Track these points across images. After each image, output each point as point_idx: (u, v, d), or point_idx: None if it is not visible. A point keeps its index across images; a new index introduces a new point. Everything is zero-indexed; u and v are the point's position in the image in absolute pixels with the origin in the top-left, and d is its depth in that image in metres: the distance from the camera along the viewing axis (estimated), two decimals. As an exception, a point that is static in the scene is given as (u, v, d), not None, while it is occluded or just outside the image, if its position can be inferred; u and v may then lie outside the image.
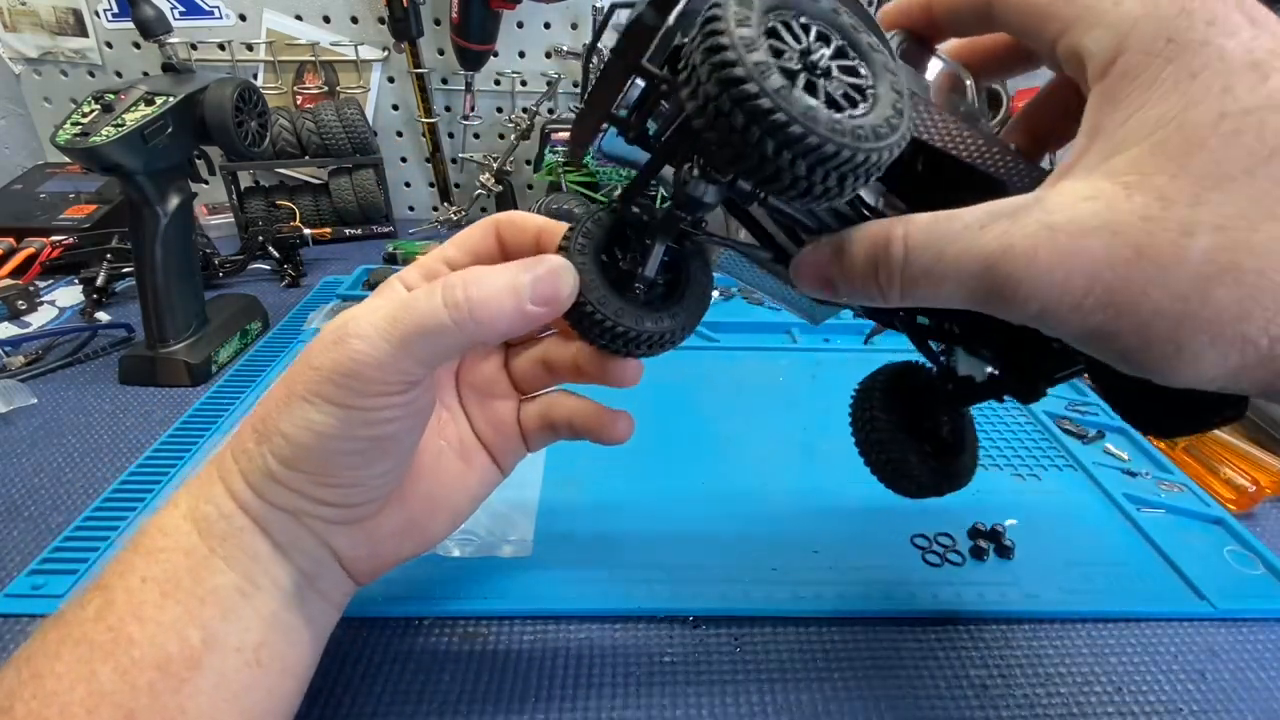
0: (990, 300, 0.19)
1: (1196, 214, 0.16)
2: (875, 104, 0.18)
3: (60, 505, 0.42)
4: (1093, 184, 0.17)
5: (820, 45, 0.18)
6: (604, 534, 0.40)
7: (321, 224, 0.89)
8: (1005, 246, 0.18)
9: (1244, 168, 0.16)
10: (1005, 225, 0.18)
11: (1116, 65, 0.18)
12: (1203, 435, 0.47)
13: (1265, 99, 0.16)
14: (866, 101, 0.18)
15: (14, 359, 0.57)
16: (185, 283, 0.56)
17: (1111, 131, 0.18)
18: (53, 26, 0.88)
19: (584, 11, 0.88)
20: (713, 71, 0.17)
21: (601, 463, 0.46)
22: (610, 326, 0.24)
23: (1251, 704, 0.32)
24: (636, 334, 0.24)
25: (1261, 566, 0.39)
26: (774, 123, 0.16)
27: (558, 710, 0.30)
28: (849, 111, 0.18)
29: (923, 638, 0.34)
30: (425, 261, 0.28)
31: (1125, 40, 0.18)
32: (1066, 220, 0.17)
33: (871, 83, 0.18)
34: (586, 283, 0.24)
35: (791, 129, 0.16)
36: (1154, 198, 0.16)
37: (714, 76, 0.17)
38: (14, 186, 0.86)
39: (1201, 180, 0.16)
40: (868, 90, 0.18)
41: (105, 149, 0.48)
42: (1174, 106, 0.17)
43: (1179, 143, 0.17)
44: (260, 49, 0.89)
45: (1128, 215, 0.16)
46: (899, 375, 0.32)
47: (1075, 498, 0.44)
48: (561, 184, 0.84)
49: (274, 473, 0.24)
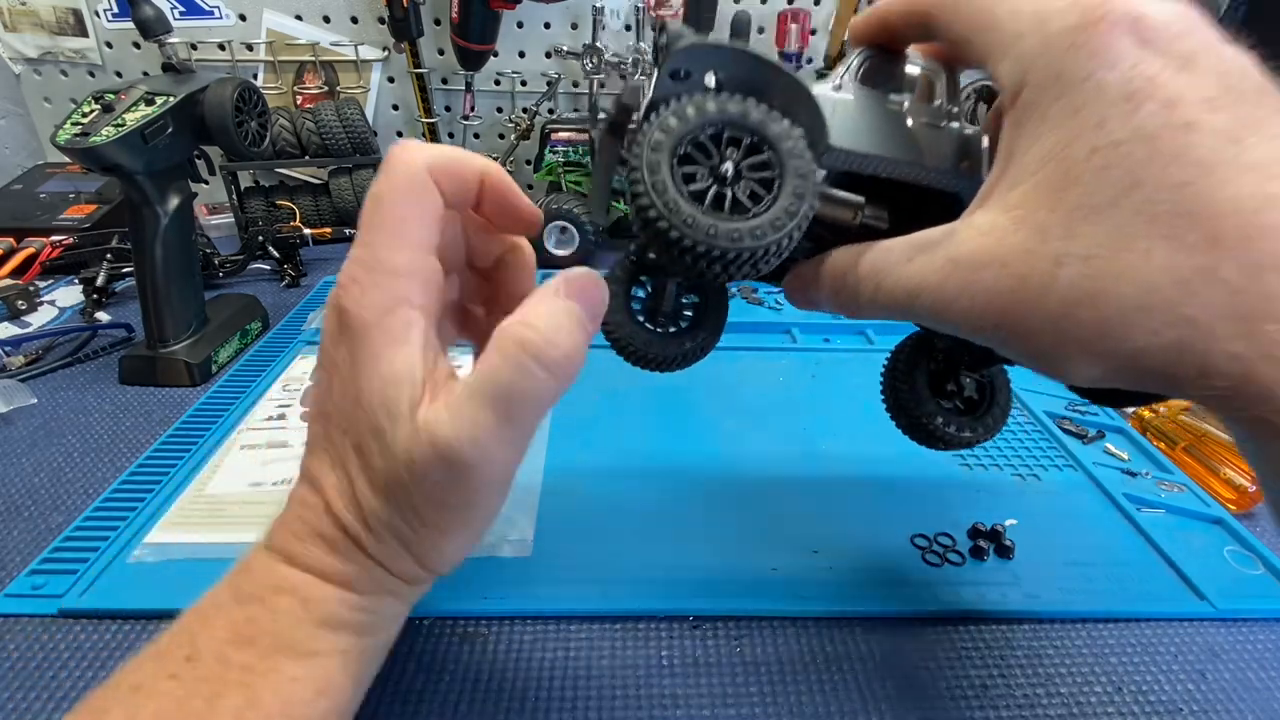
0: (923, 322, 0.22)
1: (1067, 245, 0.18)
2: (780, 192, 0.22)
3: (60, 505, 0.42)
4: (992, 218, 0.20)
5: (731, 150, 0.23)
6: (604, 534, 0.40)
7: (321, 224, 0.89)
8: (922, 280, 0.21)
9: (1109, 199, 0.17)
10: (923, 260, 0.21)
11: (1021, 97, 0.20)
12: (1203, 435, 0.47)
13: (1133, 131, 0.17)
14: (773, 192, 0.23)
15: (14, 359, 0.57)
16: (185, 283, 0.56)
17: (1016, 161, 0.20)
18: (53, 26, 0.88)
19: (584, 11, 0.88)
20: (638, 212, 0.22)
21: (602, 463, 0.46)
22: (636, 352, 0.29)
23: (1251, 704, 0.32)
24: (661, 358, 0.29)
25: (1261, 566, 0.39)
26: (682, 246, 0.22)
27: (557, 710, 0.30)
28: (753, 210, 0.22)
29: (922, 638, 0.34)
30: (421, 242, 0.24)
31: (1026, 75, 0.20)
32: (968, 254, 0.20)
33: (778, 171, 0.23)
34: (616, 320, 0.28)
35: (698, 249, 0.22)
36: (1034, 231, 0.19)
37: (639, 216, 0.22)
38: (14, 186, 0.86)
39: (1073, 213, 0.18)
40: (775, 181, 0.23)
41: (105, 149, 0.48)
42: (1058, 142, 0.19)
43: (1058, 178, 0.18)
44: (260, 49, 0.89)
45: (1013, 248, 0.19)
46: (923, 340, 0.34)
47: (1075, 498, 0.44)
48: (561, 184, 0.84)
49: (424, 565, 0.25)
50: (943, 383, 0.33)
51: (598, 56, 0.88)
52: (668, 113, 0.22)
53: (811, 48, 0.90)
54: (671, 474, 0.45)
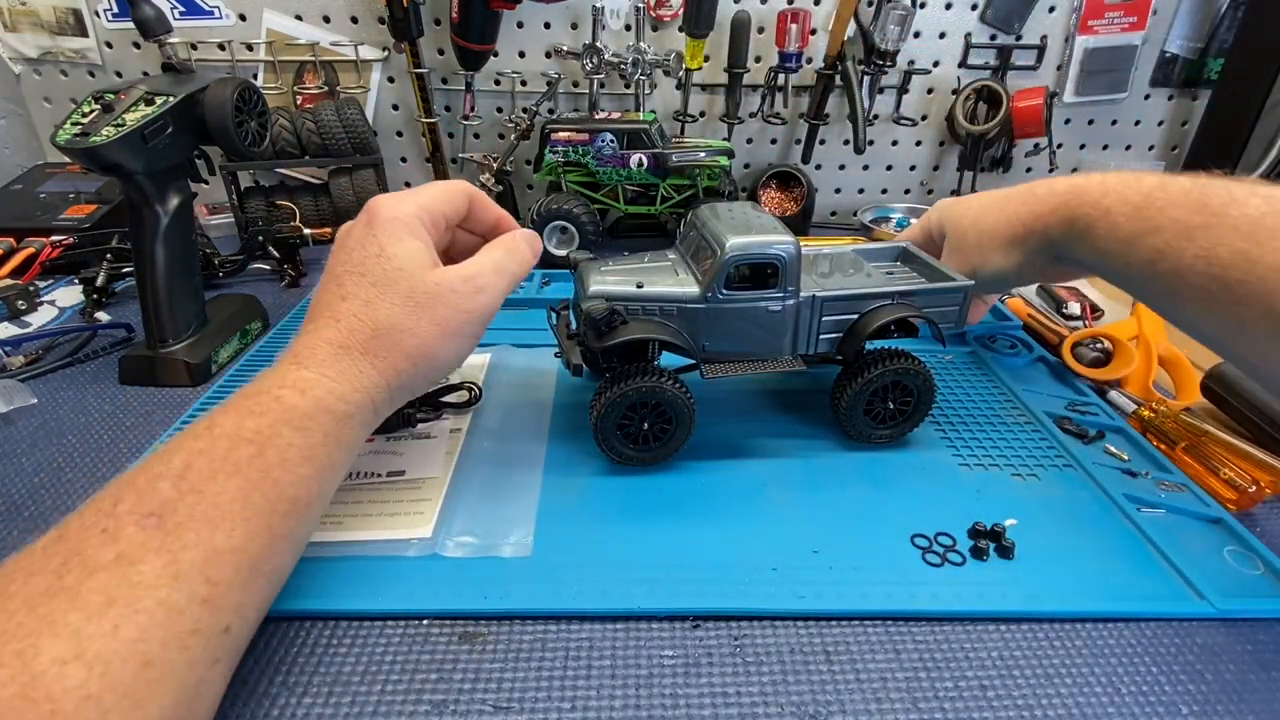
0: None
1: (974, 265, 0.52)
2: None
3: (60, 505, 0.42)
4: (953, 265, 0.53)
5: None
6: (604, 534, 0.40)
7: (321, 224, 0.89)
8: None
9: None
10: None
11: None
12: (1203, 435, 0.47)
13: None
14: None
15: (14, 359, 0.57)
16: (185, 283, 0.56)
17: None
18: (53, 26, 0.88)
19: (584, 11, 0.89)
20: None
21: (601, 463, 0.46)
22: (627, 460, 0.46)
23: (1251, 704, 0.32)
24: (642, 462, 0.47)
25: (1261, 566, 0.39)
26: None
27: (558, 710, 0.30)
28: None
29: (923, 638, 0.34)
30: (426, 204, 0.39)
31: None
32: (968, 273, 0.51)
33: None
34: (610, 447, 0.45)
35: None
36: (962, 266, 0.53)
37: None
38: (14, 186, 0.86)
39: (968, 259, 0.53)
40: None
41: (105, 149, 0.48)
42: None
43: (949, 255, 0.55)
44: (260, 49, 0.89)
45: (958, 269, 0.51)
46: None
47: (1075, 498, 0.44)
48: (561, 184, 0.84)
49: (418, 386, 0.38)
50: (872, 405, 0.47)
51: (598, 56, 0.88)
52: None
53: (811, 47, 0.90)
54: (671, 474, 0.45)
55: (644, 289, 0.43)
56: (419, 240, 0.37)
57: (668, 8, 0.89)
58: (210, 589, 0.27)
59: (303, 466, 0.31)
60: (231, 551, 0.28)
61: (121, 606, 0.24)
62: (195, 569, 0.26)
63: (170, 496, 0.28)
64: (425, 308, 0.36)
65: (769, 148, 1.01)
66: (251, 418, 0.31)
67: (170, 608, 0.25)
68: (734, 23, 0.87)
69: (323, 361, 0.34)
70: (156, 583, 0.25)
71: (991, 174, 1.01)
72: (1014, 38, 0.94)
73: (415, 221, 0.38)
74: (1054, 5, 0.93)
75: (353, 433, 0.34)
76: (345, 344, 0.34)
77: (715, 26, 0.86)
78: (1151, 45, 0.96)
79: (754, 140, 1.00)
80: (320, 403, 0.33)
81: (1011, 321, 0.67)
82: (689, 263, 0.46)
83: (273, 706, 0.30)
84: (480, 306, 0.37)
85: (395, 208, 0.37)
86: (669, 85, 0.95)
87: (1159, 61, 0.97)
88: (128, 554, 0.25)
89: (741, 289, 0.43)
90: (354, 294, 0.35)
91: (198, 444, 0.30)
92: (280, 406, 0.32)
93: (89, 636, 0.23)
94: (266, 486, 0.30)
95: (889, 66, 0.90)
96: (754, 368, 0.45)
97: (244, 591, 0.28)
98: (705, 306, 0.43)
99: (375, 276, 0.36)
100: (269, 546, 0.29)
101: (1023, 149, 1.00)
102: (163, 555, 0.26)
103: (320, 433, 0.32)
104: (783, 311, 0.44)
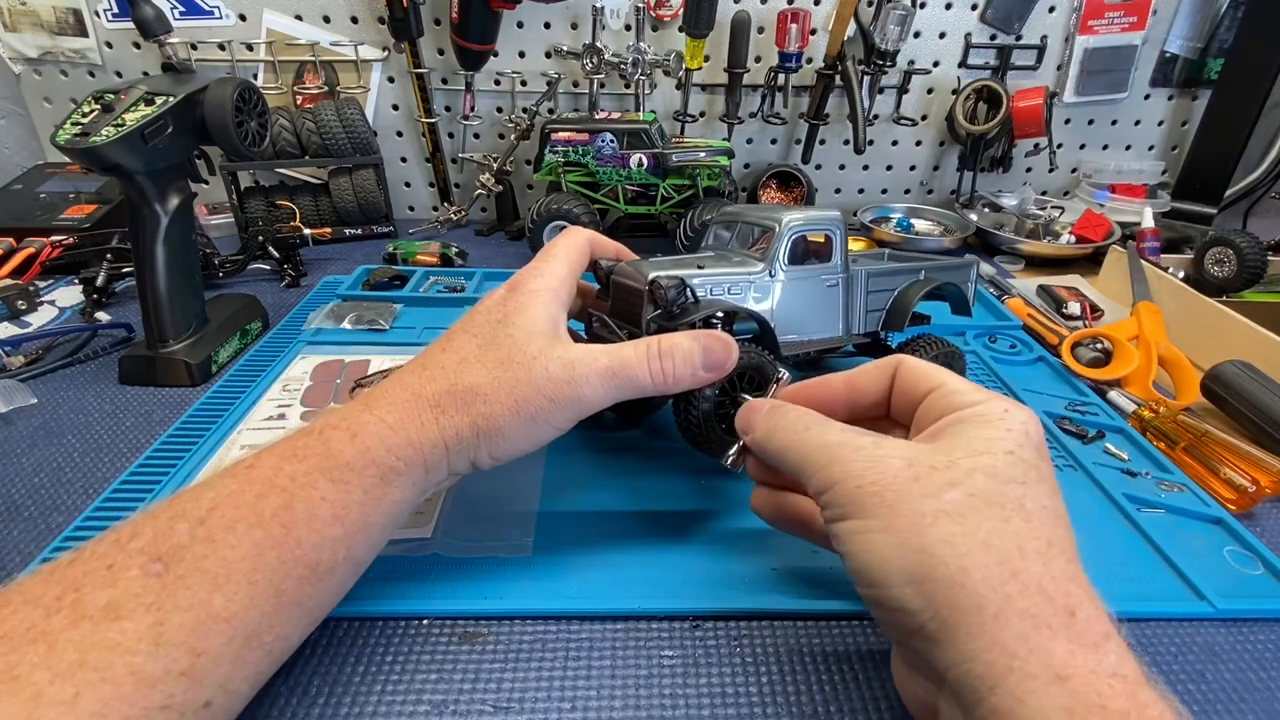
0: None
1: None
2: None
3: (60, 505, 0.42)
4: None
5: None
6: (603, 534, 0.40)
7: (321, 224, 0.89)
8: None
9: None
10: None
11: None
12: (1203, 435, 0.47)
13: None
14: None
15: (14, 359, 0.57)
16: (185, 283, 0.56)
17: None
18: (53, 26, 0.88)
19: (584, 11, 0.89)
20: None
21: (601, 462, 0.46)
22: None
23: (1251, 704, 0.32)
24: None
25: (1261, 566, 0.39)
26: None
27: (557, 710, 0.30)
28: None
29: (923, 638, 0.34)
30: (557, 272, 0.37)
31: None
32: None
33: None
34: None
35: None
36: None
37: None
38: (14, 186, 0.86)
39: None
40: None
41: (105, 149, 0.48)
42: None
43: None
44: (260, 49, 0.89)
45: None
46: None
47: (1075, 498, 0.44)
48: (561, 184, 0.84)
49: (480, 460, 0.33)
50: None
51: (598, 56, 0.88)
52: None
53: (811, 47, 0.90)
54: (671, 474, 0.45)
55: (706, 270, 0.42)
56: (547, 311, 0.35)
57: (668, 8, 0.89)
58: (193, 660, 0.24)
59: (332, 526, 0.28)
60: (227, 619, 0.25)
61: (89, 671, 0.22)
62: (181, 636, 0.24)
63: (183, 542, 0.26)
64: (510, 377, 0.32)
65: (769, 148, 1.01)
66: (292, 461, 0.29)
67: (142, 678, 0.23)
68: (734, 23, 0.87)
69: (389, 406, 0.31)
70: (135, 647, 0.23)
71: (991, 174, 1.02)
72: (1014, 38, 0.94)
73: (551, 295, 0.36)
74: (1054, 5, 0.93)
75: (397, 494, 0.31)
76: (419, 393, 0.32)
77: (715, 26, 0.86)
78: (1151, 45, 0.96)
79: (754, 140, 1.00)
80: (368, 453, 0.30)
81: (1011, 322, 0.67)
82: (732, 253, 0.46)
83: (273, 707, 0.30)
84: (567, 400, 0.32)
85: (539, 280, 0.36)
86: (669, 85, 0.95)
87: (1159, 61, 0.97)
88: (117, 604, 0.24)
89: (801, 264, 0.45)
90: (455, 349, 0.34)
91: (233, 484, 0.28)
92: (324, 451, 0.29)
93: (46, 703, 0.21)
94: (286, 546, 0.27)
95: (889, 66, 0.90)
96: (817, 346, 0.46)
97: (234, 664, 0.26)
98: (771, 281, 0.44)
99: (485, 339, 0.34)
100: (274, 614, 0.27)
101: (1023, 149, 1.01)
102: (151, 614, 0.24)
103: (360, 489, 0.29)
104: (837, 286, 0.46)
